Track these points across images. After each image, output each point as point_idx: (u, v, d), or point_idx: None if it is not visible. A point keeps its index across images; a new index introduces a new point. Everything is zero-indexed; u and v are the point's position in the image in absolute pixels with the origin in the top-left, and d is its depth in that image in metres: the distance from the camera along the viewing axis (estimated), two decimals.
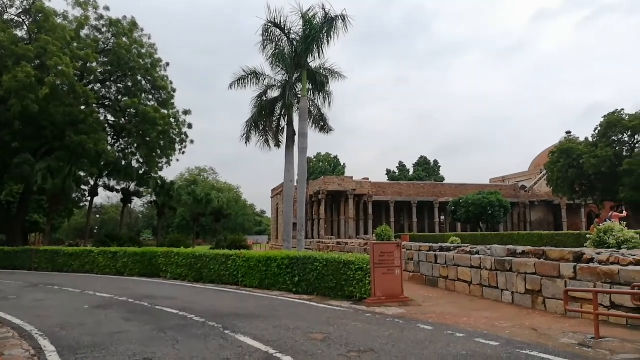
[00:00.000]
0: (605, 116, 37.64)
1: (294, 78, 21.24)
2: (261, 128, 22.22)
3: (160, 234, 47.73)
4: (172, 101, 37.36)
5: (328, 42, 19.55)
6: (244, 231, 73.72)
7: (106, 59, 33.98)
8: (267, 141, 22.39)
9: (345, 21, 18.98)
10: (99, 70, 34.15)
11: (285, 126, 21.74)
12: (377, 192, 47.20)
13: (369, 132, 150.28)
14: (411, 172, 74.37)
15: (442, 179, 71.30)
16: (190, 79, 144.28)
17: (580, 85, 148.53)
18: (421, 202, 48.99)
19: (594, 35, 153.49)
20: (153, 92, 36.53)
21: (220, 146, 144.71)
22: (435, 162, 76.65)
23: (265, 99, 21.87)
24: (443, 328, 7.48)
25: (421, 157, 76.43)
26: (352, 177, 45.73)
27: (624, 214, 17.49)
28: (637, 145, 36.00)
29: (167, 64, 37.26)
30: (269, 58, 20.63)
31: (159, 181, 42.30)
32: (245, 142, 22.10)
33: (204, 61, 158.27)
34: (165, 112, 35.71)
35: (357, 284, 10.75)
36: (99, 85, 35.89)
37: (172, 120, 36.51)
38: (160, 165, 38.81)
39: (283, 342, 6.36)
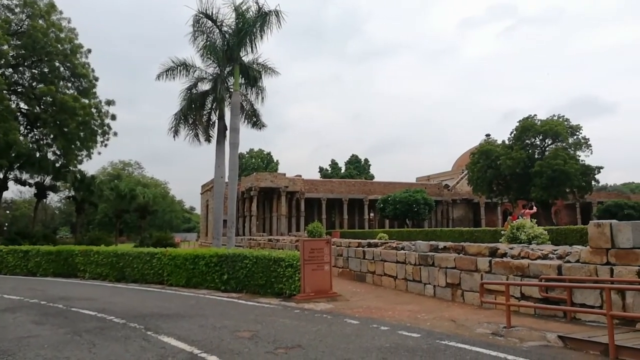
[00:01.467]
0: (520, 121, 40.52)
1: (226, 72, 20.79)
2: (191, 122, 21.54)
3: (79, 231, 44.81)
4: (94, 90, 35.19)
5: (261, 36, 19.36)
6: (171, 228, 71.23)
7: (19, 42, 31.29)
8: (196, 135, 21.75)
9: (279, 17, 18.88)
10: (10, 54, 31.36)
11: (216, 120, 21.27)
12: (309, 189, 47.51)
13: (303, 129, 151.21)
14: (343, 170, 75.64)
15: (372, 177, 73.25)
16: (117, 68, 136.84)
17: (501, 91, 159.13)
18: (352, 199, 50.01)
19: (515, 44, 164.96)
20: (72, 79, 34.18)
21: (148, 139, 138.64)
22: (366, 160, 78.58)
23: (195, 91, 21.23)
24: (369, 322, 7.68)
25: (353, 155, 77.99)
26: (284, 174, 45.66)
27: (534, 209, 18.94)
28: (547, 149, 39.12)
29: (89, 51, 35.04)
30: (200, 50, 20.06)
31: (78, 175, 39.67)
32: (174, 136, 21.34)
33: (133, 50, 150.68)
34: (86, 101, 33.57)
35: (287, 280, 10.75)
36: (10, 70, 32.96)
37: (93, 110, 34.40)
38: (79, 158, 36.46)
39: (209, 341, 6.21)
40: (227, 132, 20.30)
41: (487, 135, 49.74)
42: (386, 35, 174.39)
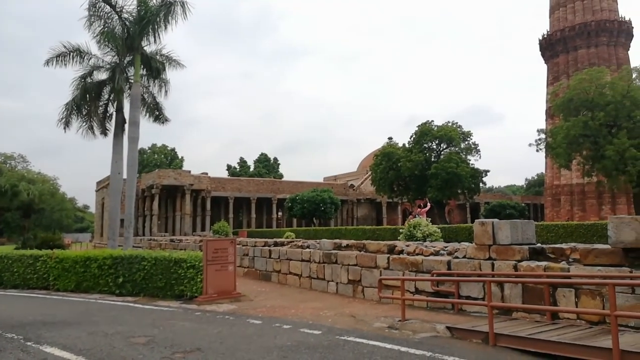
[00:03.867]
0: (419, 126, 43.05)
1: (126, 61, 19.55)
2: (85, 113, 19.91)
3: None
4: None
5: (166, 26, 18.45)
6: (61, 228, 65.15)
7: None
8: (91, 128, 20.16)
9: (184, 7, 18.14)
10: None
11: (114, 113, 19.91)
12: (216, 188, 46.33)
13: (212, 125, 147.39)
14: (252, 169, 74.81)
15: (281, 176, 73.39)
16: (1, 51, 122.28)
17: (404, 97, 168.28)
18: (260, 198, 49.65)
19: (420, 54, 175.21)
20: None
21: (36, 130, 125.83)
22: (275, 159, 78.47)
23: (90, 80, 19.67)
24: (272, 321, 7.67)
25: (262, 154, 77.40)
26: (190, 172, 44.03)
27: (428, 206, 20.27)
28: (442, 153, 42.02)
29: None
30: (97, 36, 18.62)
31: None
32: (64, 128, 19.57)
33: (21, 30, 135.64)
34: None
35: (188, 282, 10.38)
36: None
37: None
38: None
39: (99, 349, 5.78)
40: (126, 126, 19.11)
41: (390, 138, 52.16)
42: (298, 36, 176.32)
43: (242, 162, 75.97)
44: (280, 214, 51.99)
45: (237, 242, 13.98)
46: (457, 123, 43.09)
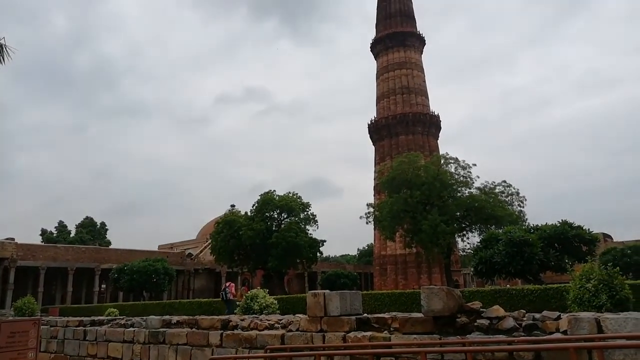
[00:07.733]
0: (261, 195, 43.90)
1: None
2: None
3: None
4: None
5: None
6: None
7: None
8: None
9: (3, 51, 16.07)
10: None
11: None
12: (24, 256, 39.67)
13: (27, 183, 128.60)
14: (73, 234, 66.42)
15: (109, 243, 66.53)
16: None
17: (250, 165, 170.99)
18: (80, 268, 43.84)
19: (266, 126, 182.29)
20: None
21: None
22: (103, 224, 71.15)
23: None
24: None
25: (87, 217, 69.57)
26: None
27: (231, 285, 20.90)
28: (283, 222, 43.14)
29: None
30: None
31: None
32: None
33: None
34: None
35: None
36: None
37: None
38: None
39: None
40: None
41: (232, 205, 51.91)
42: (142, 94, 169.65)
43: (62, 227, 67.13)
44: (104, 286, 46.54)
45: (43, 323, 11.95)
46: (297, 194, 45.04)
